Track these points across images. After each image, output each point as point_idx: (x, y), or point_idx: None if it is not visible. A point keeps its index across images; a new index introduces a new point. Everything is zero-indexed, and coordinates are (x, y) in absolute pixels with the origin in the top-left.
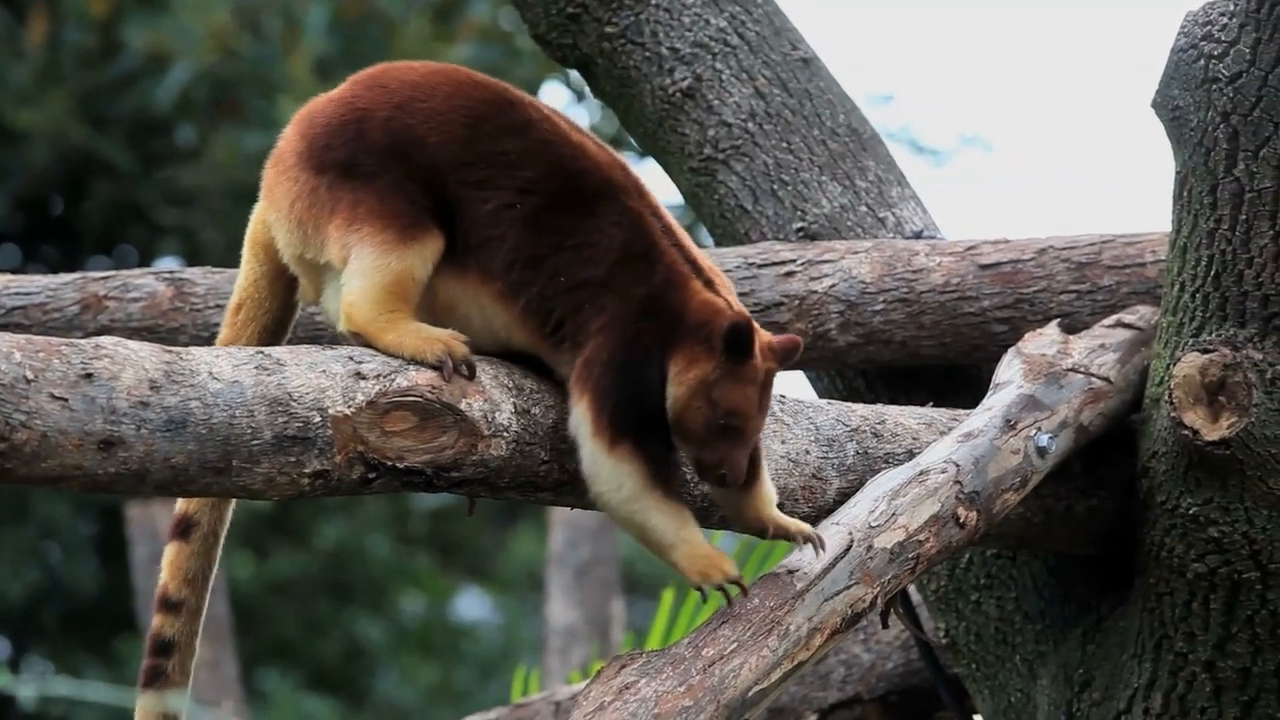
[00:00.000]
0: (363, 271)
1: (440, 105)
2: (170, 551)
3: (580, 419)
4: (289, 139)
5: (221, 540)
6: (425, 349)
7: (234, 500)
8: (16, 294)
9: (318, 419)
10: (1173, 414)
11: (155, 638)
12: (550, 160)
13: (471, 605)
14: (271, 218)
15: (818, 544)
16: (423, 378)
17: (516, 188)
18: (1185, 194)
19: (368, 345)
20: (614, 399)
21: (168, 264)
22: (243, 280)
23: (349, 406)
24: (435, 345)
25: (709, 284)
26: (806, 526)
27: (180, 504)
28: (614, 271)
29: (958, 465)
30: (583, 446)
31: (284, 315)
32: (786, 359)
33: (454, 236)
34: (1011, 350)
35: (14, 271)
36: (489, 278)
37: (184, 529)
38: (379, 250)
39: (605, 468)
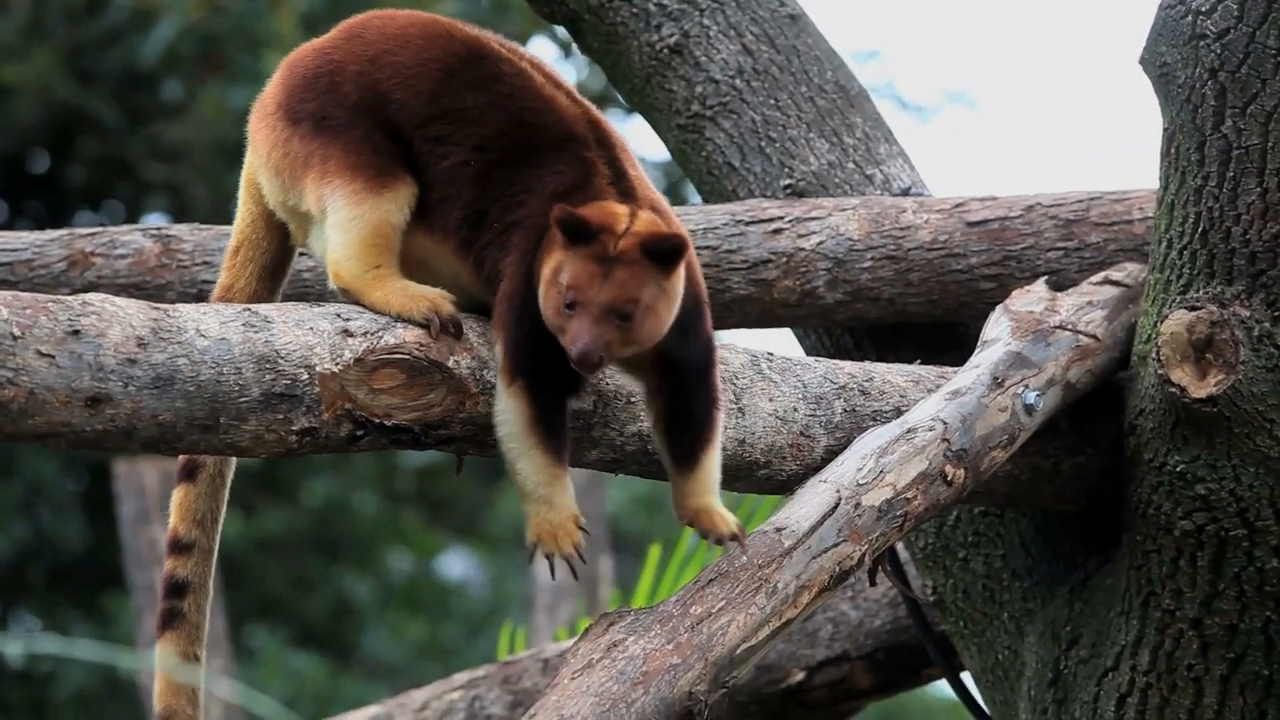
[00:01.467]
0: (340, 225)
1: (410, 59)
2: (178, 495)
3: (496, 358)
4: (273, 85)
5: (229, 481)
6: (412, 307)
7: None
8: (2, 250)
9: (305, 376)
10: (1160, 371)
11: (169, 580)
12: (510, 115)
13: (458, 562)
14: (255, 163)
15: (741, 544)
16: (410, 335)
17: (472, 144)
18: (1173, 151)
19: (356, 302)
20: (513, 336)
21: (155, 220)
22: (239, 222)
23: (336, 364)
24: (422, 303)
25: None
26: (731, 526)
27: None
28: (533, 211)
29: (945, 423)
30: (498, 384)
31: (283, 255)
32: (649, 240)
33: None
34: (999, 307)
35: (1, 228)
36: (447, 235)
37: (189, 471)
38: (351, 201)
39: (499, 403)
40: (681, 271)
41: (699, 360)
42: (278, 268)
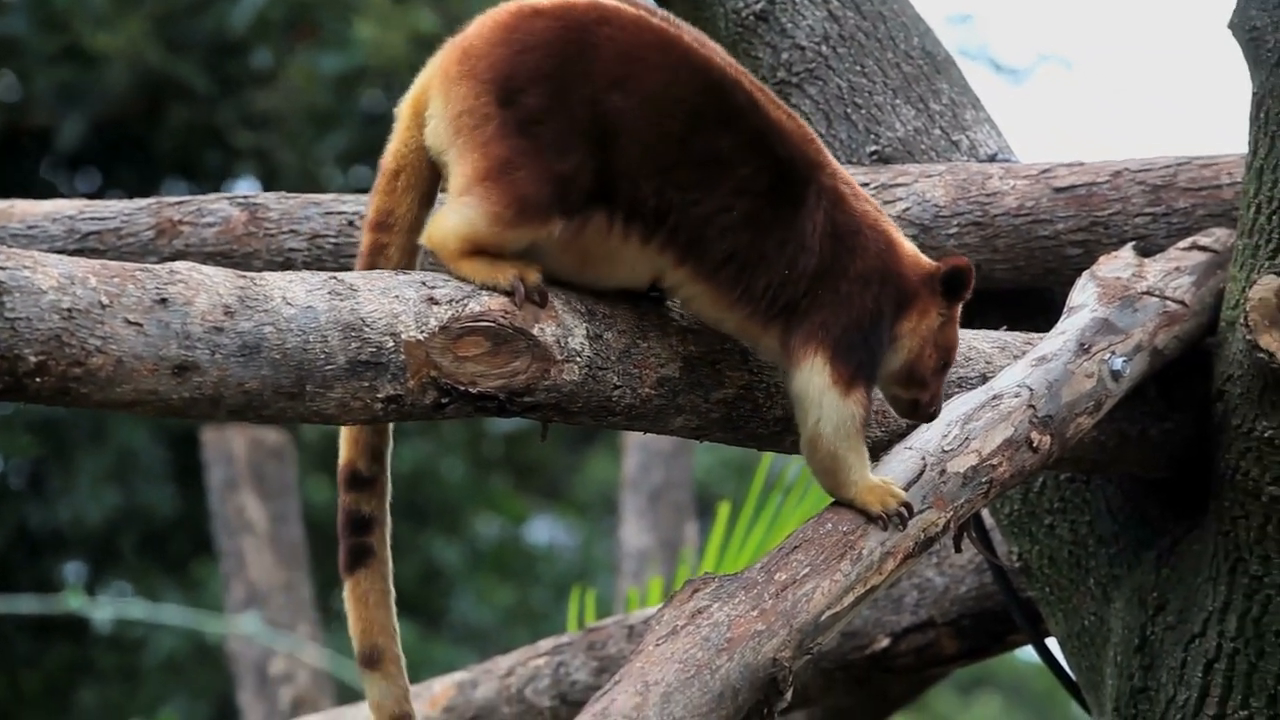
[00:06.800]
0: (465, 220)
1: (652, 89)
2: (349, 430)
3: (814, 372)
4: (490, 44)
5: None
6: (497, 275)
7: None
8: (91, 219)
9: (391, 344)
10: (1248, 337)
11: (350, 515)
12: (761, 153)
13: (546, 527)
14: (436, 103)
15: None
16: (495, 303)
17: (731, 189)
18: (1262, 115)
19: (441, 264)
20: (858, 355)
21: (244, 187)
22: (399, 146)
23: (422, 332)
24: (508, 271)
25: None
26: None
27: None
28: (835, 253)
29: (1031, 389)
30: (818, 396)
31: (437, 183)
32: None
33: (613, 204)
34: (1086, 274)
35: (93, 195)
36: (699, 274)
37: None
38: (488, 218)
39: (838, 411)
40: None
41: None
42: (433, 196)
